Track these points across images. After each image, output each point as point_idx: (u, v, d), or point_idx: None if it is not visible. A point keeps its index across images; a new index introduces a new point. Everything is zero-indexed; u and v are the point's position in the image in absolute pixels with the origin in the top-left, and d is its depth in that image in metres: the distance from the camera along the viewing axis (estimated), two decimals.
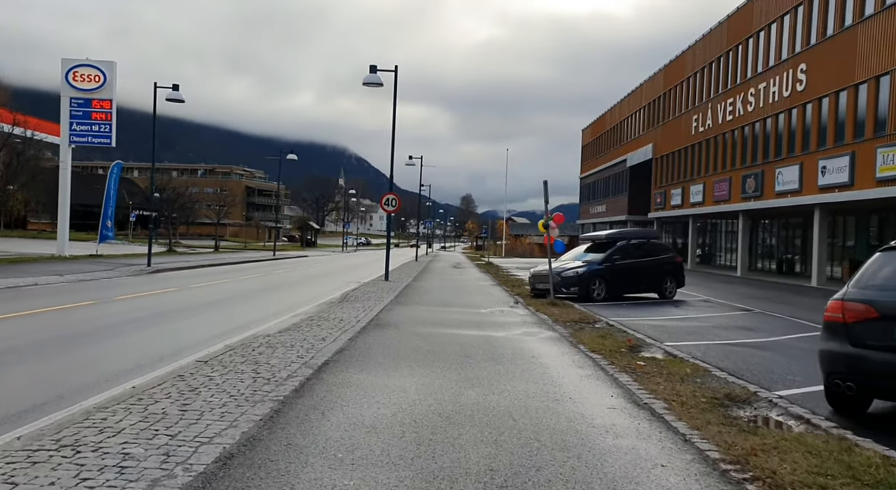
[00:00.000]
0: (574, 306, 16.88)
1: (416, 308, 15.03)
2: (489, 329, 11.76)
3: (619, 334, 11.60)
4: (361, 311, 13.64)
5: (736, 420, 5.93)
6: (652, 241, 21.10)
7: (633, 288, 19.99)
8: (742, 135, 35.17)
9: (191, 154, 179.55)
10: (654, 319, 14.91)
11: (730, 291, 24.20)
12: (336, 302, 15.93)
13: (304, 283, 23.46)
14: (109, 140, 31.76)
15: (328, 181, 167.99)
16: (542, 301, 17.66)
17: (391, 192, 23.45)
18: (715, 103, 38.44)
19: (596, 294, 18.86)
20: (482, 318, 13.39)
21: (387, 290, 19.40)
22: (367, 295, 17.77)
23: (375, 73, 22.81)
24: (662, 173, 48.27)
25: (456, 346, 9.47)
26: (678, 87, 45.22)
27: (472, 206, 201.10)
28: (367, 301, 16.06)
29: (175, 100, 26.68)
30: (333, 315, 12.91)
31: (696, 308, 18.00)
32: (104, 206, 33.20)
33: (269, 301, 16.76)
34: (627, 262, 19.76)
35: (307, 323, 11.58)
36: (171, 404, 5.58)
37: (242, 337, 9.94)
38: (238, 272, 27.51)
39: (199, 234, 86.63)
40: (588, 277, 18.88)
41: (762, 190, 32.34)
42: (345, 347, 8.95)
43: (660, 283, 20.22)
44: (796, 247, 36.23)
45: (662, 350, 10.09)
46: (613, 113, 63.50)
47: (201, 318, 12.80)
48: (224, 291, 18.62)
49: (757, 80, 33.32)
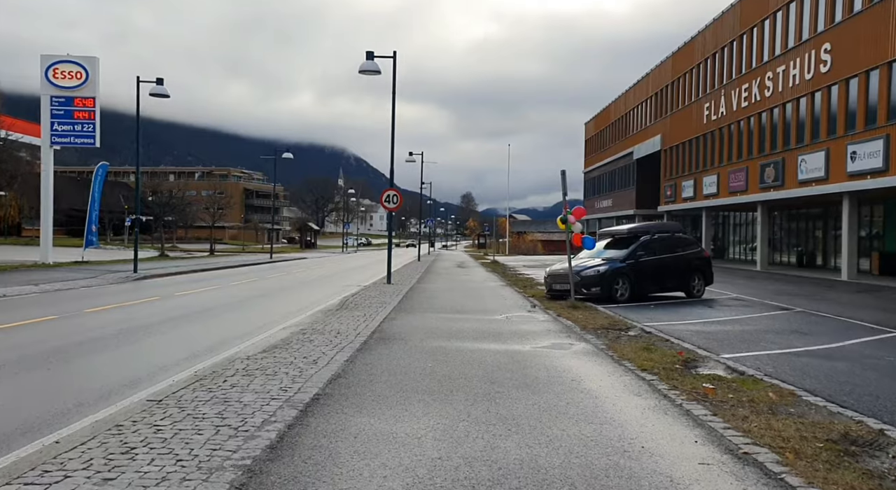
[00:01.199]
0: (598, 309, 15.20)
1: (424, 316, 13.34)
2: (511, 341, 10.06)
3: (662, 345, 9.91)
4: (362, 321, 11.95)
5: (882, 481, 4.24)
6: (677, 235, 19.37)
7: (658, 287, 18.29)
8: (759, 122, 33.42)
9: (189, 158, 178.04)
10: (692, 323, 13.21)
11: (758, 287, 22.50)
12: (333, 310, 14.24)
13: (300, 288, 21.77)
14: (93, 140, 30.05)
15: (327, 182, 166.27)
16: (561, 304, 15.98)
17: (392, 188, 21.74)
18: (728, 90, 36.69)
19: (619, 294, 17.17)
20: (500, 327, 11.69)
21: (390, 295, 17.71)
22: (369, 301, 16.08)
23: (373, 60, 21.11)
24: (672, 165, 46.52)
25: (477, 368, 7.77)
26: (688, 74, 43.45)
27: (473, 205, 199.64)
28: (368, 308, 14.37)
29: (159, 95, 24.99)
30: (330, 326, 11.22)
31: (731, 308, 16.30)
32: (89, 210, 31.46)
33: (258, 310, 15.06)
34: (652, 259, 18.06)
35: (298, 338, 9.90)
36: (84, 483, 3.88)
37: (217, 359, 8.25)
38: (230, 277, 25.82)
39: (196, 238, 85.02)
40: (611, 276, 17.18)
41: (783, 179, 30.60)
42: (340, 373, 7.25)
43: (687, 281, 18.52)
44: (817, 239, 34.54)
45: (723, 365, 8.40)
46: (618, 105, 61.73)
47: (176, 334, 11.08)
48: (210, 300, 16.92)
49: (774, 63, 31.57)
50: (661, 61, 49.34)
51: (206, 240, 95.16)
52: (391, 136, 21.39)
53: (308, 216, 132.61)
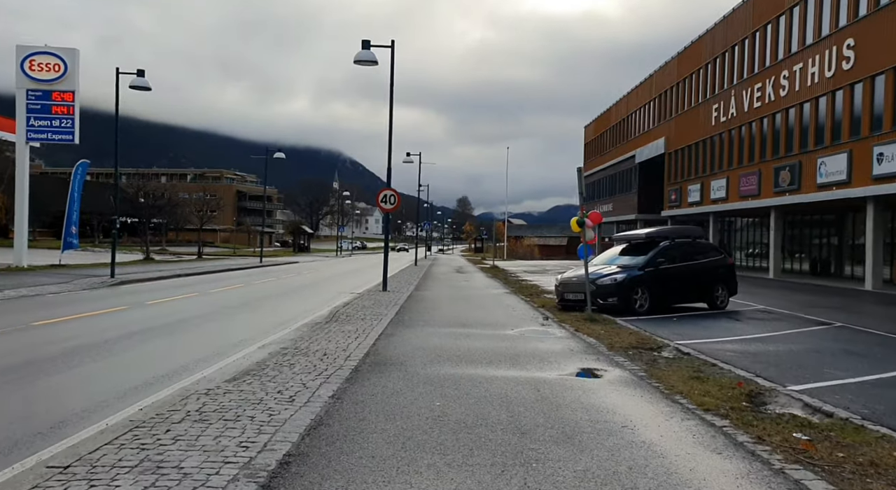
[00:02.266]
0: (617, 322, 13.61)
1: (425, 330, 11.70)
2: (532, 366, 8.43)
3: (711, 371, 8.31)
4: (353, 338, 10.31)
5: None
6: (698, 241, 17.78)
7: (680, 297, 16.70)
8: (773, 123, 31.93)
9: (184, 160, 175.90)
10: (729, 341, 11.62)
11: (780, 297, 20.94)
12: (322, 322, 12.60)
13: (288, 296, 20.09)
14: (72, 137, 28.31)
15: (322, 185, 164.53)
16: (575, 315, 14.38)
17: (389, 188, 20.11)
18: (739, 90, 35.21)
19: (638, 305, 15.56)
20: (515, 347, 10.06)
21: (386, 304, 16.07)
22: (362, 311, 14.44)
23: (369, 50, 19.49)
24: (677, 168, 45.03)
25: (498, 408, 6.13)
26: (694, 75, 41.98)
27: (469, 208, 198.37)
28: (362, 320, 12.73)
29: (140, 87, 23.33)
30: (315, 345, 9.59)
31: (763, 322, 14.72)
32: (67, 210, 29.69)
33: (237, 322, 13.40)
34: (673, 267, 16.46)
35: (276, 361, 8.26)
36: None
37: (168, 394, 6.59)
38: (214, 283, 24.12)
39: (187, 241, 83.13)
40: (629, 285, 15.57)
41: (799, 183, 29.08)
42: (323, 418, 5.60)
43: (710, 291, 16.92)
44: (832, 246, 33.05)
45: (798, 401, 6.79)
46: (619, 107, 60.27)
47: (130, 354, 9.39)
48: (185, 309, 15.23)
49: (791, 61, 30.09)
50: (665, 62, 47.89)
51: (196, 243, 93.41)
52: (388, 131, 19.77)
53: (302, 219, 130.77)
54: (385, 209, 20.13)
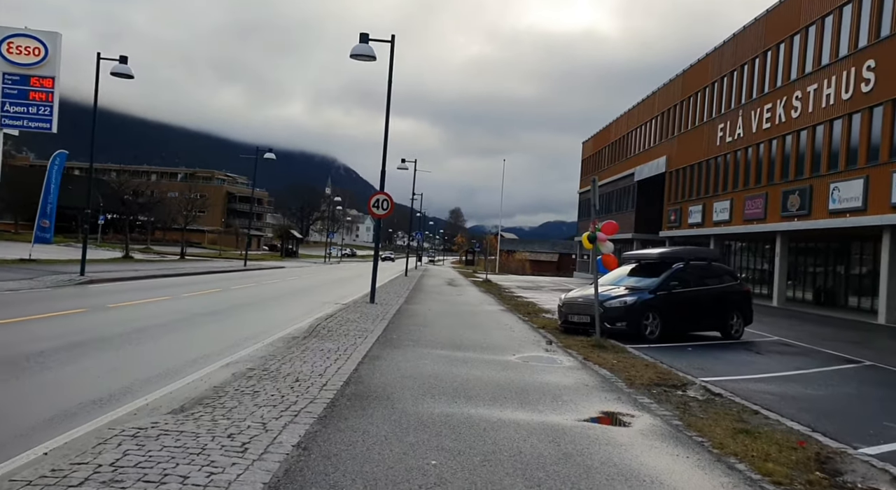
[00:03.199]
0: (629, 350, 12.27)
1: (416, 353, 10.29)
2: (544, 406, 7.03)
3: (755, 420, 6.97)
4: (333, 360, 8.90)
5: None
6: (714, 264, 16.48)
7: (693, 324, 15.37)
8: (783, 145, 30.81)
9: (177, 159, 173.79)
10: (758, 380, 10.27)
11: (793, 328, 19.65)
12: (300, 337, 11.18)
13: (267, 305, 18.61)
14: (49, 125, 26.66)
15: (314, 190, 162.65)
16: (581, 341, 13.02)
17: (382, 192, 18.70)
18: (748, 110, 34.12)
19: (649, 332, 14.22)
20: (521, 378, 8.66)
21: (373, 318, 14.64)
22: (346, 325, 13.02)
23: (367, 43, 18.17)
24: (678, 188, 43.89)
25: (513, 475, 4.72)
26: (699, 93, 40.93)
27: (461, 220, 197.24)
28: (345, 337, 11.31)
29: (121, 74, 21.93)
30: (288, 366, 8.17)
31: (785, 357, 13.41)
32: (41, 202, 28.13)
33: (204, 333, 11.94)
34: (687, 292, 15.13)
35: (237, 387, 6.83)
36: None
37: (80, 434, 5.13)
38: (191, 286, 22.61)
39: (174, 240, 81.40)
40: (639, 309, 14.22)
41: (809, 208, 27.91)
42: (280, 484, 4.18)
43: (725, 319, 15.61)
44: (838, 275, 31.89)
45: (885, 475, 5.43)
46: (619, 124, 59.27)
47: (59, 373, 7.82)
48: (150, 315, 13.74)
49: (804, 82, 29.01)
50: (670, 80, 46.89)
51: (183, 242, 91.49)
52: (385, 127, 18.39)
53: (292, 223, 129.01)
54: (377, 215, 18.73)
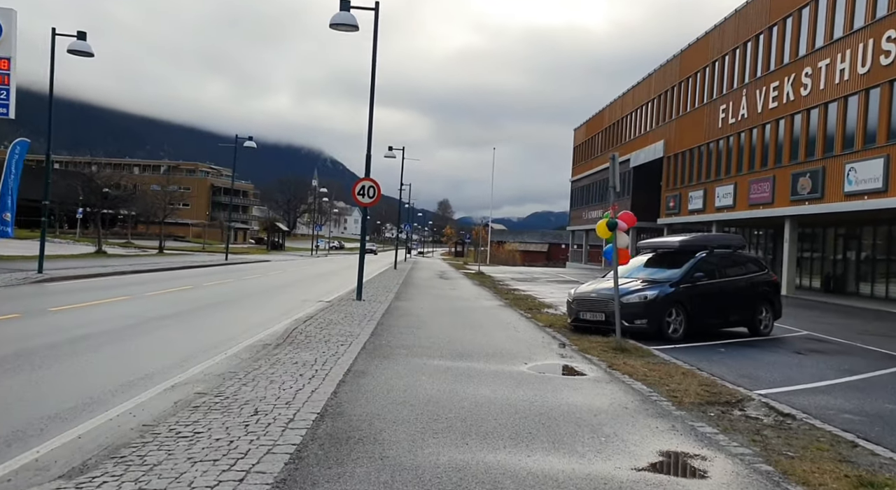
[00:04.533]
0: (654, 353, 10.61)
1: (410, 365, 8.53)
2: (585, 446, 5.28)
3: (863, 457, 5.29)
4: (307, 378, 7.14)
5: None
6: (739, 252, 14.79)
7: (720, 320, 13.70)
8: (791, 125, 29.18)
9: (162, 153, 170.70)
10: (819, 390, 8.61)
11: (816, 320, 18.05)
12: (272, 346, 9.42)
13: (241, 303, 16.77)
14: (6, 110, 24.58)
15: (301, 182, 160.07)
16: (597, 342, 11.33)
17: (368, 178, 16.89)
18: (752, 89, 32.47)
19: (672, 329, 12.54)
20: (542, 399, 6.91)
21: (359, 319, 12.87)
22: (328, 328, 11.24)
23: (348, 11, 16.30)
24: (677, 173, 42.30)
25: None
26: (699, 73, 39.25)
27: (449, 212, 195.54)
28: (325, 344, 9.55)
29: (79, 52, 19.94)
30: (248, 390, 6.39)
31: (829, 357, 11.76)
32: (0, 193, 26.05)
33: (152, 343, 10.11)
34: (713, 283, 13.47)
35: (172, 428, 5.05)
36: None
37: None
38: (159, 283, 20.72)
39: (157, 234, 79.15)
40: (661, 305, 12.52)
41: (822, 190, 26.33)
42: None
43: (753, 313, 13.96)
44: (848, 261, 30.39)
45: None
46: (613, 109, 57.56)
47: None
48: (95, 321, 11.87)
49: (815, 57, 27.37)
50: (666, 61, 45.19)
51: (167, 236, 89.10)
52: (370, 101, 16.54)
53: (278, 216, 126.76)
54: (362, 203, 16.92)
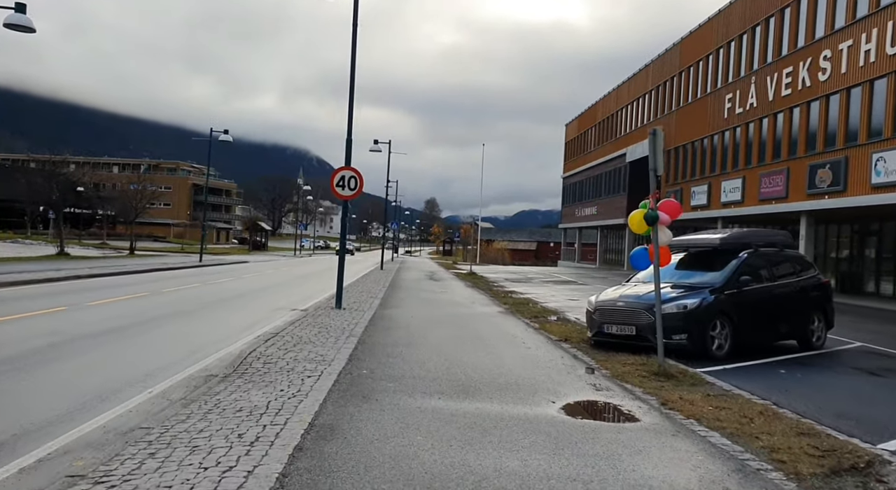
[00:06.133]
0: (706, 380, 8.41)
1: (397, 411, 6.20)
2: None
3: None
4: (247, 442, 4.81)
5: None
6: (786, 251, 12.56)
7: (770, 333, 11.45)
8: (807, 113, 27.10)
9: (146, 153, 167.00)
10: None
11: (859, 328, 15.87)
12: (218, 377, 7.09)
13: (199, 314, 14.35)
14: None
15: (286, 181, 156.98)
16: (632, 363, 9.09)
17: (348, 167, 14.55)
18: (762, 76, 30.39)
19: (717, 346, 10.31)
20: (596, 476, 4.62)
21: (336, 335, 10.54)
22: (295, 350, 8.91)
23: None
24: (678, 167, 40.20)
25: None
26: (702, 62, 37.15)
27: (437, 211, 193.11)
28: (287, 375, 7.22)
29: (17, 26, 17.38)
30: (147, 474, 4.06)
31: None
32: None
33: (51, 377, 7.69)
34: (762, 288, 11.25)
35: None
36: None
37: None
38: (112, 289, 18.24)
39: (137, 235, 76.38)
40: (704, 316, 10.27)
41: (845, 183, 24.25)
42: None
43: (805, 323, 11.78)
44: (867, 258, 28.36)
45: None
46: (607, 102, 55.43)
47: None
48: (10, 341, 9.47)
49: (835, 38, 25.28)
50: (666, 50, 43.09)
51: (147, 237, 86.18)
52: (351, 75, 14.19)
53: (261, 215, 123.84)
54: (342, 196, 14.56)
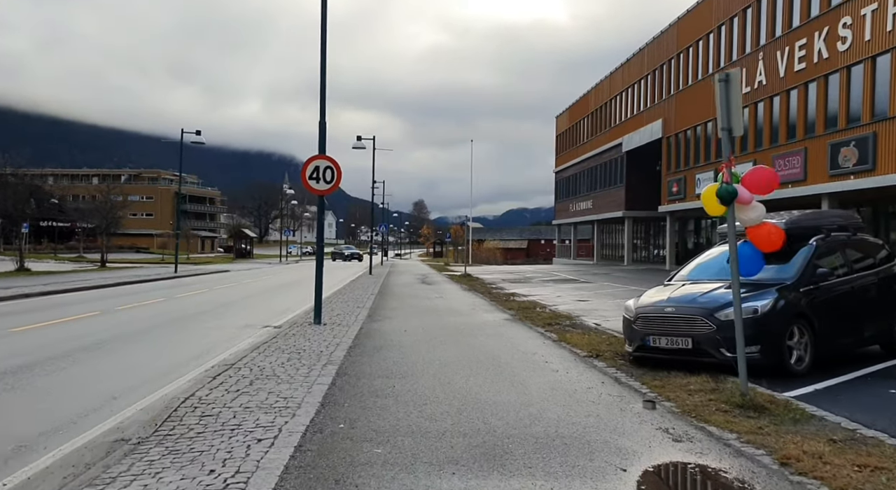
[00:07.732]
0: (806, 410, 6.15)
1: None
2: None
3: None
4: None
5: None
6: (859, 236, 10.29)
7: (854, 337, 9.18)
8: (825, 88, 24.99)
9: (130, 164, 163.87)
10: None
11: None
12: (131, 442, 4.75)
13: (150, 337, 11.94)
14: None
15: (272, 187, 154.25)
16: (696, 388, 6.83)
17: (323, 156, 12.22)
18: (771, 51, 28.28)
19: (796, 359, 8.05)
20: None
21: (307, 365, 8.21)
22: (249, 391, 6.57)
23: None
24: (679, 154, 38.14)
25: None
26: (702, 41, 35.10)
27: (425, 212, 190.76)
28: (227, 440, 4.89)
29: None
30: None
31: None
32: None
33: None
34: (840, 282, 9.01)
35: None
36: None
37: None
38: (59, 309, 15.78)
39: (119, 246, 73.70)
40: (779, 321, 8.00)
41: (873, 161, 22.17)
42: None
43: (890, 324, 9.56)
44: (893, 244, 26.29)
45: None
46: (600, 91, 53.30)
47: None
48: None
49: (855, 3, 23.19)
50: (661, 32, 41.04)
51: (130, 248, 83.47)
52: (322, 33, 11.87)
53: (247, 222, 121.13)
54: (316, 190, 12.21)
